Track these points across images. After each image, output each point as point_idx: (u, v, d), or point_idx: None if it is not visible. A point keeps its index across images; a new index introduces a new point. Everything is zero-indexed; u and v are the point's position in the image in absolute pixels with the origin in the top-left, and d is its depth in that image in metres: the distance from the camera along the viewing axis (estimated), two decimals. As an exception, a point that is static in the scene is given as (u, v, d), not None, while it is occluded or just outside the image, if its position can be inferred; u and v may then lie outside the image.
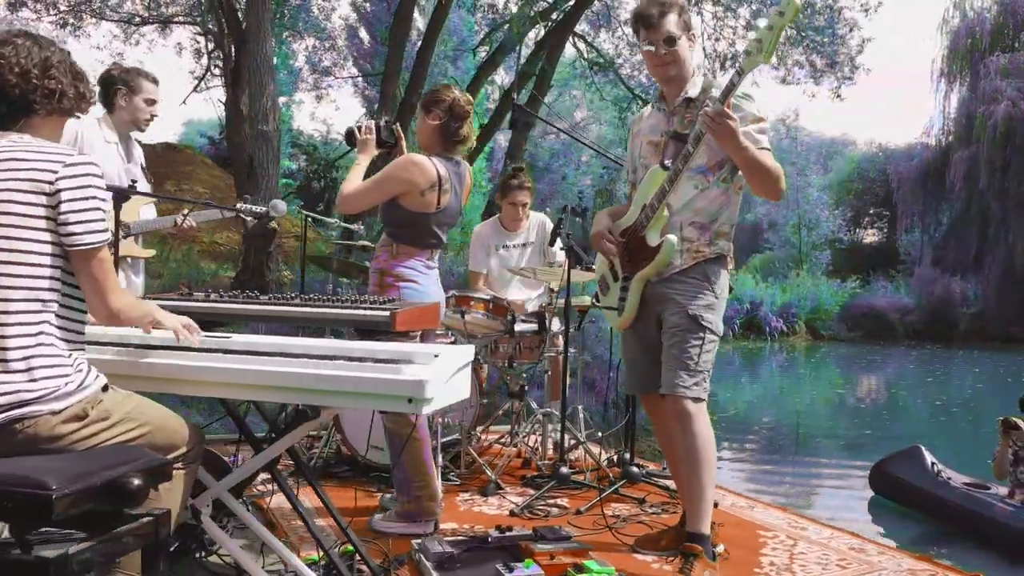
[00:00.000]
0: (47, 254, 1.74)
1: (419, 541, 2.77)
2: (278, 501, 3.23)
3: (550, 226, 4.86)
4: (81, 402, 1.76)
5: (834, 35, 14.25)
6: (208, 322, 2.55)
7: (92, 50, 15.44)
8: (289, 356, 2.10)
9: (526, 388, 4.27)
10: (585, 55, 16.25)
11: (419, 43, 14.09)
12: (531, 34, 14.54)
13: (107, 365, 2.09)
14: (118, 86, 3.48)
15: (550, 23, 13.92)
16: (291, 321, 2.58)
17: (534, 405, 4.29)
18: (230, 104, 13.01)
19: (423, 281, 3.00)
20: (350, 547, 2.54)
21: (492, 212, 8.46)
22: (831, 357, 17.42)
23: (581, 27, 16.15)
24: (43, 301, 1.73)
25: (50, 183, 1.72)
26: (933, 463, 4.40)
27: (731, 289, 2.88)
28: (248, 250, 10.54)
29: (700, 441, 2.65)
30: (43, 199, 1.72)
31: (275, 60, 18.47)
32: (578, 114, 32.89)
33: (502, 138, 19.22)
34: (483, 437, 4.40)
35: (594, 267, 3.19)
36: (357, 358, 2.06)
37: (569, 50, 16.98)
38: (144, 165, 3.63)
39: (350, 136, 3.16)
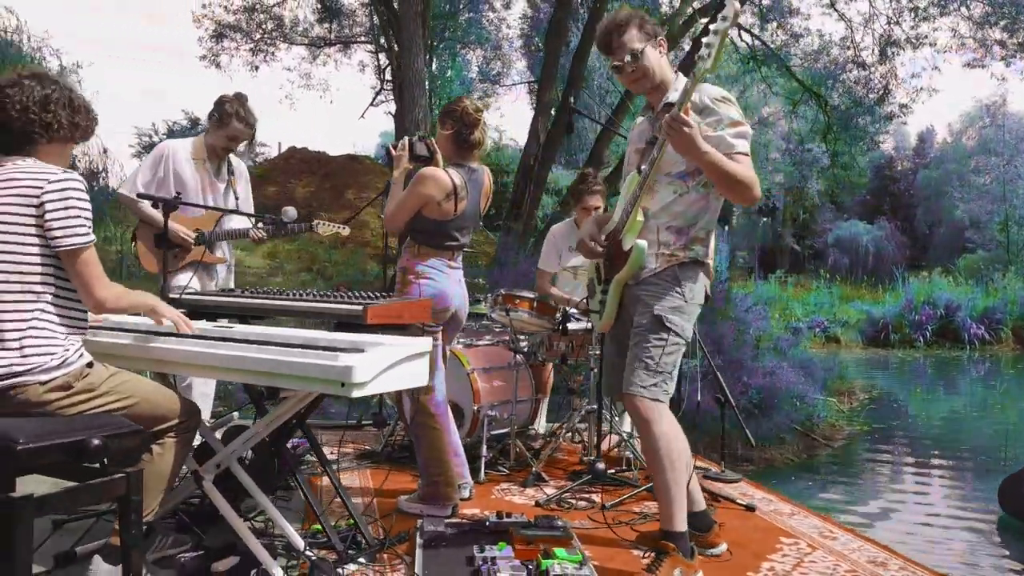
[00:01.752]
0: (37, 255, 2.13)
1: (422, 521, 2.99)
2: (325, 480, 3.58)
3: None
4: (66, 375, 2.14)
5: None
6: (235, 314, 2.95)
7: (283, 71, 17.09)
8: (256, 343, 2.39)
9: (583, 385, 4.36)
10: (752, 47, 15.70)
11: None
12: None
13: (121, 348, 2.51)
14: (214, 115, 3.93)
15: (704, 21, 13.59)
16: (282, 313, 2.88)
17: (583, 401, 4.36)
18: (397, 117, 13.92)
19: (441, 279, 3.21)
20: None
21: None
22: (1042, 369, 15.66)
23: (747, 19, 15.65)
24: (36, 293, 2.13)
25: (37, 196, 2.12)
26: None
27: (708, 299, 2.83)
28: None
29: (662, 441, 2.65)
30: (32, 210, 2.12)
31: (449, 72, 19.48)
32: (766, 109, 31.70)
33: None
34: (560, 433, 4.46)
35: None
36: (308, 346, 2.32)
37: (738, 45, 16.50)
38: (230, 179, 4.03)
39: (388, 153, 3.41)
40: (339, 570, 2.59)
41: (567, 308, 4.07)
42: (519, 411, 4.13)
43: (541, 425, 4.59)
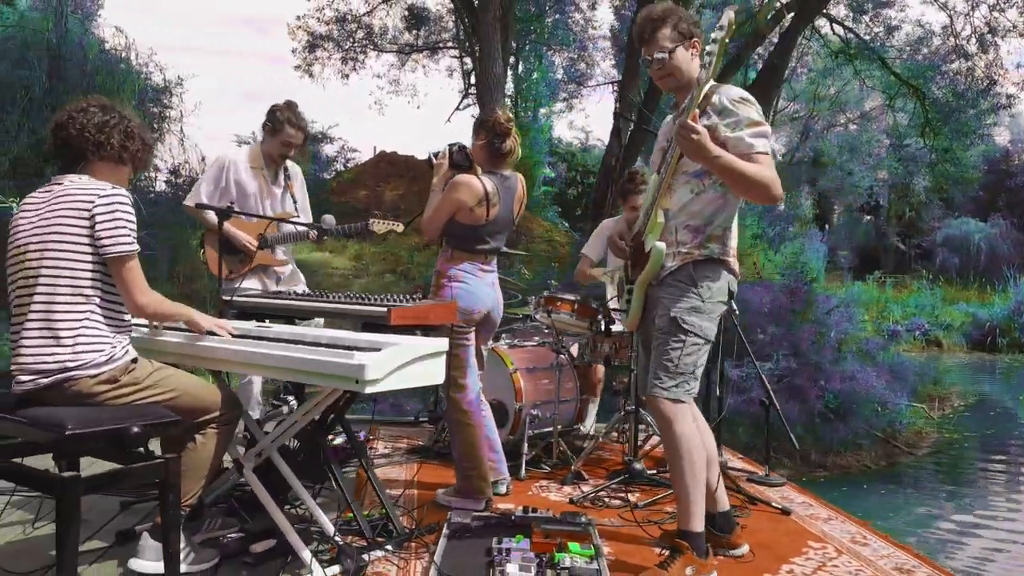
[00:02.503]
0: (88, 262, 2.38)
1: (452, 513, 3.13)
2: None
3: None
4: (112, 370, 2.39)
5: None
6: (281, 315, 3.18)
7: (373, 78, 17.60)
8: (287, 342, 2.59)
9: (627, 385, 4.40)
10: (845, 40, 15.22)
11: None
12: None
13: (175, 346, 2.75)
14: (268, 123, 4.18)
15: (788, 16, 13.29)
16: (316, 314, 3.08)
17: (625, 402, 4.40)
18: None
19: (472, 282, 3.35)
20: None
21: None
22: None
23: (839, 11, 15.20)
24: (87, 296, 2.39)
25: (88, 209, 2.37)
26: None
27: (731, 294, 2.86)
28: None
29: (682, 442, 2.70)
30: (84, 221, 2.37)
31: (535, 74, 19.65)
32: (868, 103, 30.55)
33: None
34: (600, 433, 4.53)
35: None
36: (331, 345, 2.50)
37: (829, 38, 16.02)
38: (287, 183, 4.28)
39: (429, 162, 3.57)
40: (365, 556, 2.76)
41: (609, 310, 4.14)
42: (563, 411, 4.23)
43: (590, 425, 4.68)
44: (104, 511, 3.24)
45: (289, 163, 4.34)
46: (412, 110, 43.50)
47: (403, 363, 2.45)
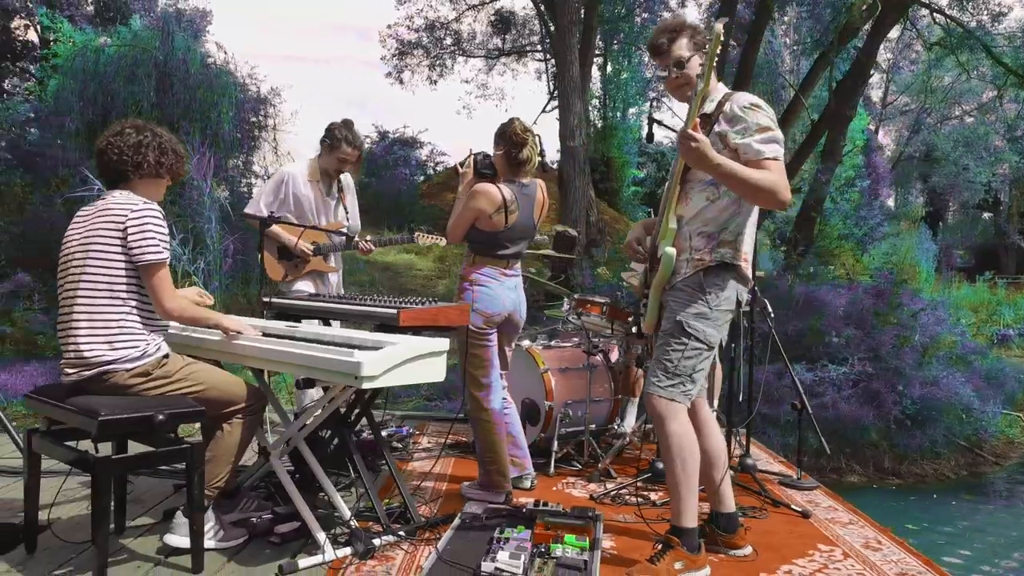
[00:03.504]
0: (123, 269, 2.68)
1: (467, 504, 3.31)
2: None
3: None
4: (144, 364, 2.68)
5: None
6: (317, 316, 3.43)
7: (461, 84, 17.94)
8: (305, 341, 2.83)
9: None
10: (948, 30, 14.54)
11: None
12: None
13: (213, 343, 3.04)
14: (326, 140, 4.47)
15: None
16: (335, 316, 3.32)
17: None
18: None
19: (494, 286, 3.52)
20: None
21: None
22: None
23: (942, 0, 14.55)
24: (123, 299, 2.68)
25: (122, 222, 2.67)
26: None
27: (739, 303, 2.91)
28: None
29: (674, 440, 2.78)
30: (119, 233, 2.67)
31: (624, 74, 19.59)
32: (988, 93, 28.92)
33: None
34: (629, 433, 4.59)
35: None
36: (340, 344, 2.72)
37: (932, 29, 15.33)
38: (340, 195, 4.57)
39: (456, 171, 3.76)
40: (376, 540, 2.97)
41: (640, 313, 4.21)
42: (596, 411, 4.34)
43: (629, 425, 4.75)
44: (159, 493, 3.59)
45: (343, 176, 4.63)
46: (500, 114, 43.88)
47: (400, 361, 2.64)
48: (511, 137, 3.49)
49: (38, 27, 16.04)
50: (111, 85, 11.15)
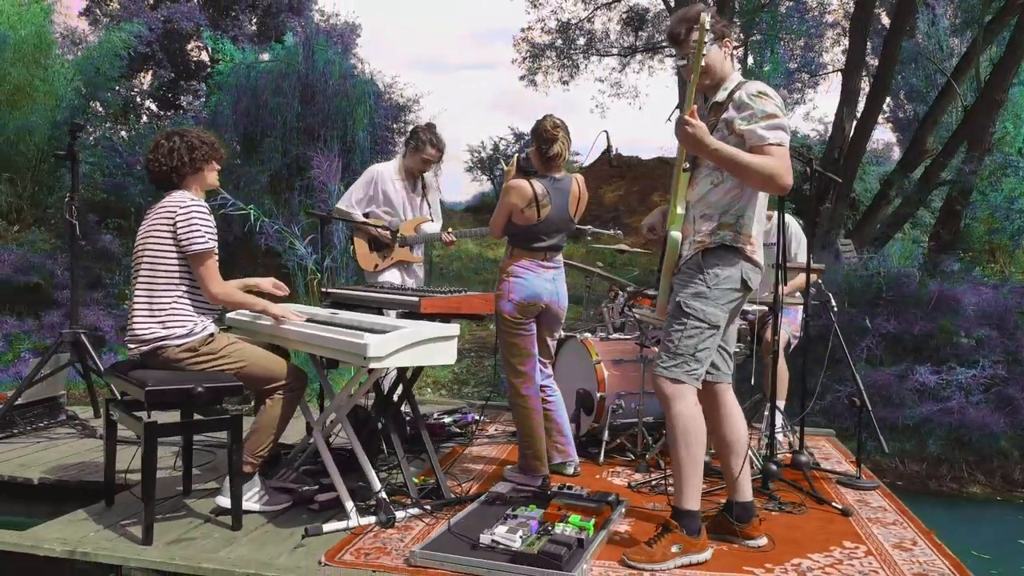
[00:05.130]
0: (174, 257, 3.05)
1: (497, 484, 3.48)
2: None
3: (794, 228, 4.85)
4: (191, 341, 3.04)
5: None
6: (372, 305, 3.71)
7: (594, 82, 17.93)
8: (336, 326, 3.11)
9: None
10: None
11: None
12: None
13: (264, 326, 3.38)
14: (411, 142, 4.80)
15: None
16: (369, 304, 3.55)
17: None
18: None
19: (530, 277, 3.65)
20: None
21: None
22: None
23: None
24: (175, 284, 3.06)
25: (172, 218, 3.05)
26: None
27: (744, 283, 2.90)
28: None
29: (678, 421, 2.81)
30: (170, 226, 3.05)
31: (767, 66, 18.93)
32: None
33: None
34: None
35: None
36: (360, 328, 2.97)
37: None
38: (424, 192, 4.88)
39: (502, 169, 3.94)
40: (401, 512, 3.19)
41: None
42: (653, 403, 4.36)
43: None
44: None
45: (426, 174, 4.94)
46: (634, 112, 43.40)
47: (407, 344, 2.86)
48: (541, 134, 3.62)
49: (209, 48, 17.54)
50: (261, 98, 12.10)
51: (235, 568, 2.64)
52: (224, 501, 3.15)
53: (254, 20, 19.28)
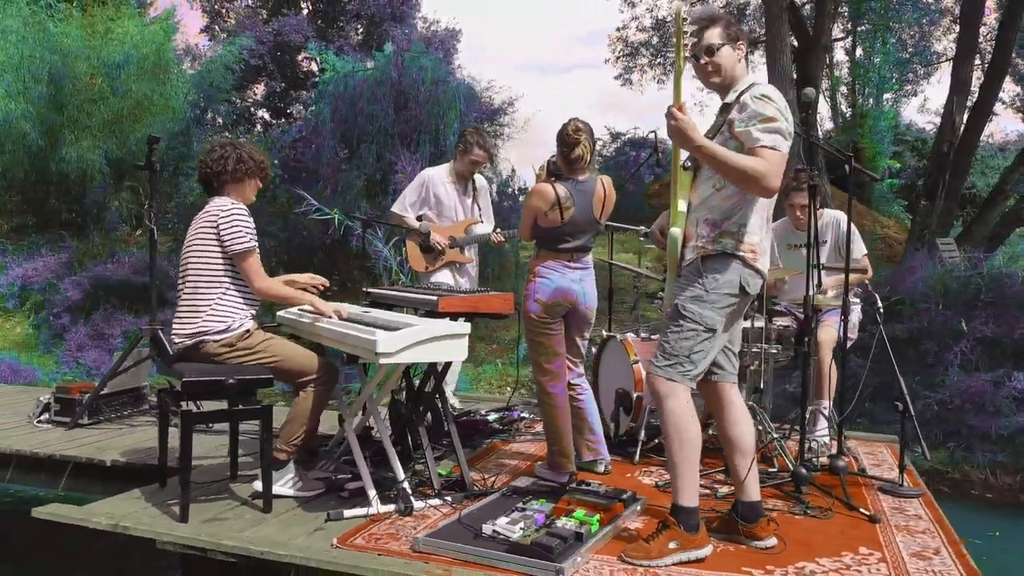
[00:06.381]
0: (218, 257, 3.30)
1: (520, 478, 3.59)
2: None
3: (845, 225, 4.70)
4: (229, 337, 3.30)
5: None
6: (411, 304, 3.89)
7: (692, 79, 17.44)
8: (361, 323, 3.28)
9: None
10: None
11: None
12: None
13: (305, 324, 3.59)
14: (459, 145, 4.99)
15: None
16: (396, 303, 3.71)
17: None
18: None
19: (555, 278, 3.72)
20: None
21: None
22: None
23: None
24: (218, 281, 3.32)
25: (215, 221, 3.30)
26: None
27: (743, 288, 2.88)
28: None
29: (671, 419, 2.84)
30: (215, 229, 3.30)
31: (877, 57, 18.14)
32: None
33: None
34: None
35: None
36: (375, 325, 3.14)
37: None
38: (474, 194, 5.04)
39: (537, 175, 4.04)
40: (421, 503, 3.34)
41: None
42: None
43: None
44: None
45: (477, 177, 5.10)
46: None
47: (416, 341, 3.00)
48: (564, 138, 3.70)
49: (318, 59, 18.34)
50: (357, 106, 12.61)
51: (251, 545, 2.86)
52: (260, 485, 3.39)
53: (359, 30, 20.02)
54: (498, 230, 4.91)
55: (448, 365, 3.70)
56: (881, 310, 4.10)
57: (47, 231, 12.07)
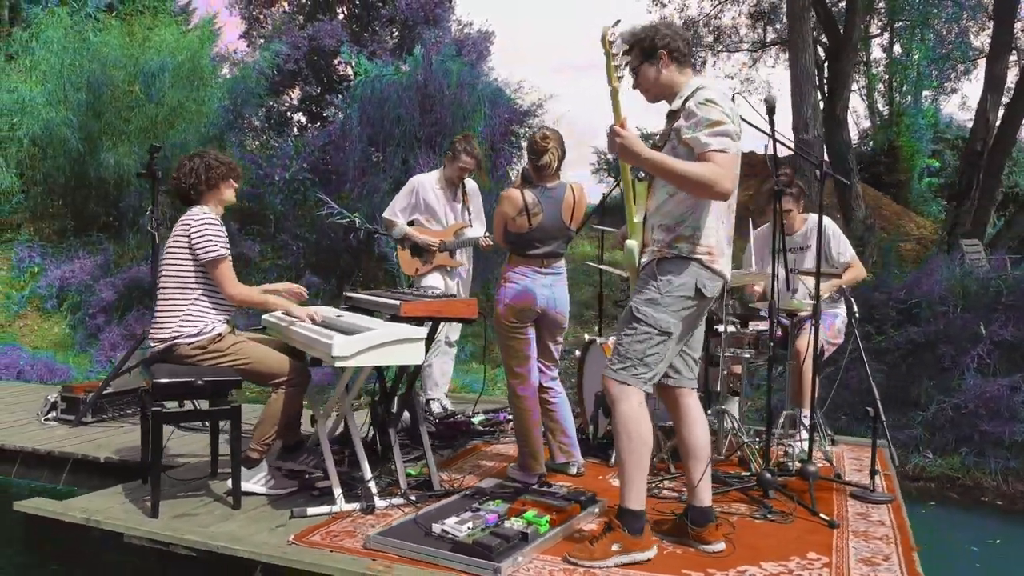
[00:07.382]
0: (190, 265, 3.44)
1: (485, 480, 3.67)
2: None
3: (832, 229, 4.69)
4: (200, 340, 3.44)
5: None
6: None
7: (724, 79, 17.39)
8: (328, 328, 3.39)
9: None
10: None
11: None
12: None
13: (282, 328, 3.71)
14: (448, 152, 5.09)
15: None
16: (364, 308, 3.80)
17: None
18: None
19: (525, 283, 3.77)
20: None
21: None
22: None
23: None
24: (191, 288, 3.46)
25: (187, 230, 3.45)
26: None
27: (699, 291, 2.91)
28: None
29: (621, 420, 2.88)
30: (185, 237, 3.45)
31: (916, 54, 17.76)
32: None
33: None
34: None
35: None
36: (337, 329, 3.25)
37: None
38: (464, 198, 5.13)
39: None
40: (384, 501, 3.44)
41: (713, 313, 4.19)
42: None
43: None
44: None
45: (468, 181, 5.20)
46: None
47: (372, 345, 3.11)
48: (532, 146, 3.77)
49: (352, 63, 18.61)
50: (384, 109, 12.79)
51: (210, 540, 2.99)
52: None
53: (394, 33, 20.26)
54: (486, 234, 4.99)
55: (419, 368, 3.79)
56: (857, 315, 4.08)
57: (85, 234, 12.49)
